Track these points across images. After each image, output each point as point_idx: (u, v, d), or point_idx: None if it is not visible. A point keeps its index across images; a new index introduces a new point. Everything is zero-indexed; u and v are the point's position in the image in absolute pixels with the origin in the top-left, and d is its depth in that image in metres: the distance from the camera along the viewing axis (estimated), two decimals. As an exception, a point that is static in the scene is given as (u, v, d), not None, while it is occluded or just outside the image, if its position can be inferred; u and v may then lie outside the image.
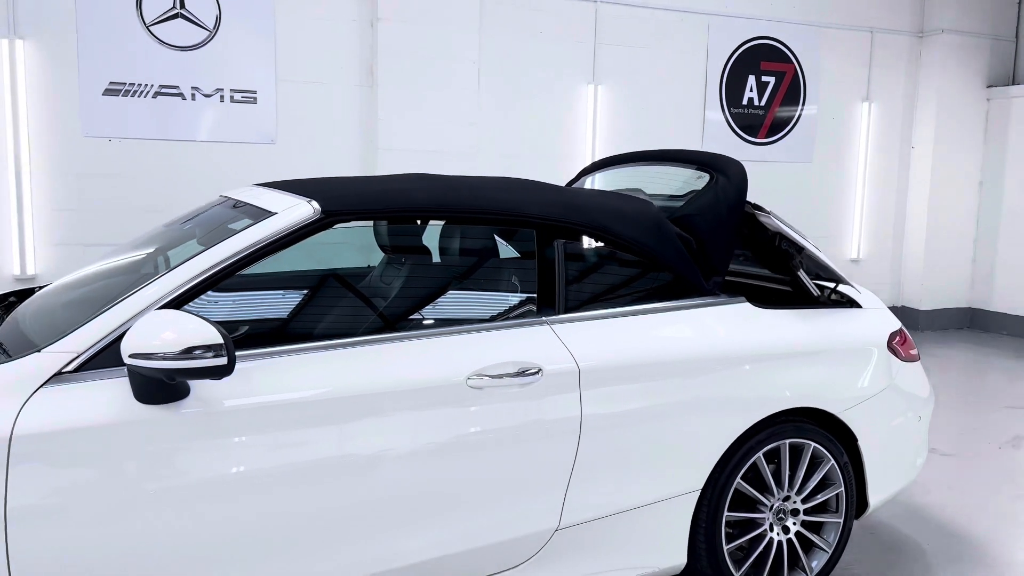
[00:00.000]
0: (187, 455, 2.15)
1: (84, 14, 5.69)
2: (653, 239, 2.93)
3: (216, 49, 6.07)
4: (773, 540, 3.01)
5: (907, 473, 3.39)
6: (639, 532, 2.77)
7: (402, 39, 6.38)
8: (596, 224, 2.87)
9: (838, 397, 3.07)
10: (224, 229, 2.56)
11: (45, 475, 2.02)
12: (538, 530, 2.61)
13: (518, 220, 2.81)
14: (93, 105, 5.79)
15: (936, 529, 3.81)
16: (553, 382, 2.57)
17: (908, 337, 3.45)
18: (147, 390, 2.08)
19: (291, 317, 2.98)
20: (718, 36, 7.70)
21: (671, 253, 2.95)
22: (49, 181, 5.76)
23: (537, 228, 2.79)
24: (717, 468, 2.85)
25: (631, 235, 2.90)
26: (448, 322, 2.77)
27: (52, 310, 2.57)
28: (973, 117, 8.58)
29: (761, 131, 7.97)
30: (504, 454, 2.52)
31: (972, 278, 8.81)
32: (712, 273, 3.04)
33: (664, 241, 2.94)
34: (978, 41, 8.47)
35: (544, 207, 2.81)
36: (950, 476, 4.48)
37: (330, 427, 2.31)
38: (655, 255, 2.93)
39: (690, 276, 2.97)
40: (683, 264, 2.97)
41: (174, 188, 5.93)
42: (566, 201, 2.90)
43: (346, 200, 2.63)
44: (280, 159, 6.30)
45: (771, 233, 3.17)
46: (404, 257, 3.23)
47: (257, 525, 2.22)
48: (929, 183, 8.50)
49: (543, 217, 2.79)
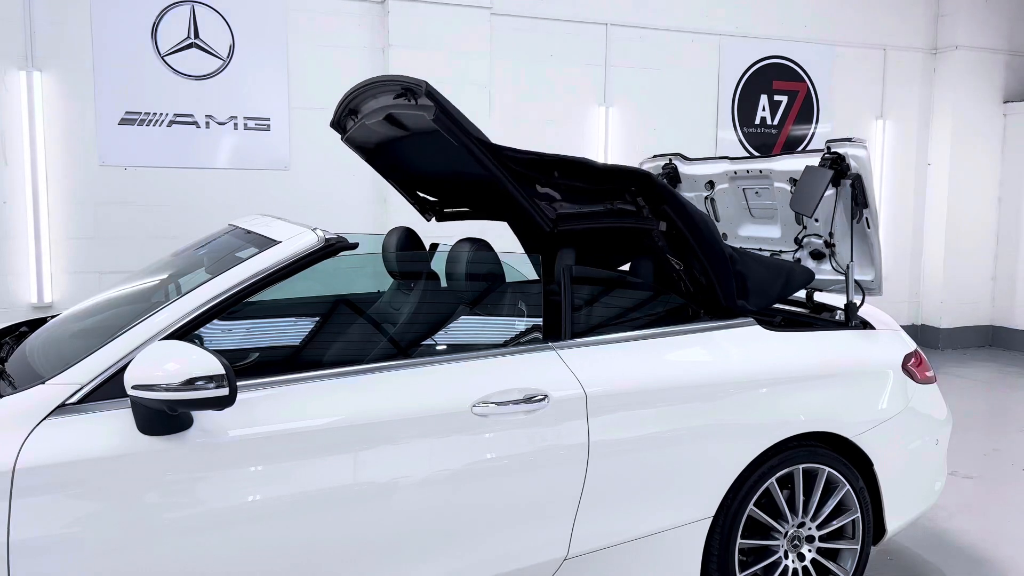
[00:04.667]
0: (191, 486, 2.14)
1: (100, 45, 5.79)
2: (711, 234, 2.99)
3: (230, 77, 6.14)
4: (788, 568, 2.96)
5: (926, 497, 3.32)
6: (650, 561, 2.72)
7: (413, 65, 6.41)
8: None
9: (852, 421, 3.02)
10: (231, 258, 2.56)
11: (48, 507, 2.02)
12: (546, 559, 2.57)
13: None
14: (109, 134, 5.87)
15: (958, 554, 3.72)
16: (559, 409, 2.54)
17: (924, 359, 3.39)
18: (150, 421, 2.08)
19: (295, 345, 2.98)
20: (730, 56, 7.70)
21: (718, 256, 2.98)
22: (66, 210, 5.83)
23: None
24: (729, 495, 2.80)
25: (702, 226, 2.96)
26: (453, 348, 2.75)
27: (59, 341, 2.59)
28: (990, 133, 8.51)
29: (774, 151, 7.94)
30: (510, 482, 2.49)
31: (992, 295, 8.69)
32: (742, 295, 3.03)
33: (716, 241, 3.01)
34: (993, 57, 8.41)
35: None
36: (972, 499, 4.38)
37: (334, 457, 2.29)
38: (703, 252, 2.96)
39: (723, 288, 2.96)
40: (723, 275, 2.98)
41: (189, 215, 5.99)
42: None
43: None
44: (293, 185, 6.35)
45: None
46: (410, 283, 3.23)
47: (261, 556, 2.21)
48: (946, 200, 8.41)
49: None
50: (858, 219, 3.28)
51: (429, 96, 2.62)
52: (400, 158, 3.49)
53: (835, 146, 3.21)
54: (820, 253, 3.56)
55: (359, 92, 3.10)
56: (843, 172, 3.18)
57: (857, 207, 3.23)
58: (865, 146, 3.18)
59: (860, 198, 3.20)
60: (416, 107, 2.73)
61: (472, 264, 2.91)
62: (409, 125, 3.05)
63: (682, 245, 3.02)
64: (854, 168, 3.18)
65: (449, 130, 2.64)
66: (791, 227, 3.66)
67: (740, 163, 3.79)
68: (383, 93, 2.94)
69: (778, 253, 3.80)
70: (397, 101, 2.84)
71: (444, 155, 3.02)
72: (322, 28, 6.37)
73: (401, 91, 2.77)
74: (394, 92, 2.83)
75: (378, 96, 3.00)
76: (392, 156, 3.52)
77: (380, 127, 3.18)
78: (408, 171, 3.62)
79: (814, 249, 3.58)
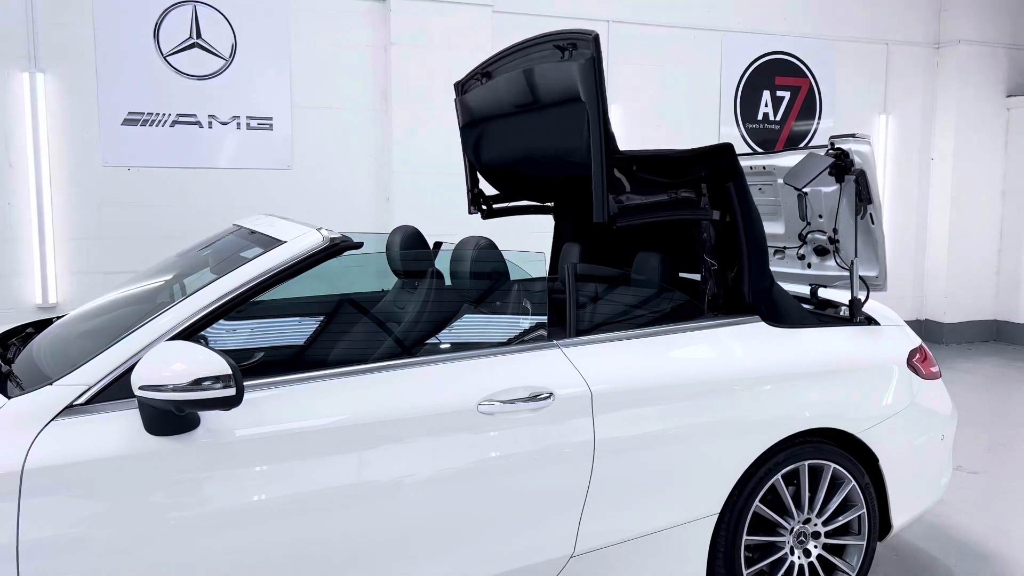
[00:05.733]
0: (198, 486, 2.15)
1: (103, 46, 5.80)
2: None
3: (232, 77, 6.15)
4: (794, 564, 2.96)
5: (931, 493, 3.32)
6: (656, 558, 2.72)
7: (415, 63, 6.43)
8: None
9: (857, 417, 3.02)
10: (236, 258, 2.57)
11: (56, 508, 2.02)
12: (553, 557, 2.58)
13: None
14: (112, 135, 5.87)
15: (964, 549, 3.72)
16: (565, 406, 2.55)
17: (928, 354, 3.39)
18: (157, 421, 2.09)
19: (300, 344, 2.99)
20: (732, 52, 7.69)
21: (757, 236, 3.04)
22: (70, 211, 5.84)
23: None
24: (735, 491, 2.81)
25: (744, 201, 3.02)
26: (458, 347, 2.76)
27: (65, 342, 2.59)
28: (993, 127, 8.49)
29: (777, 146, 7.92)
30: (516, 481, 2.50)
31: (997, 290, 8.68)
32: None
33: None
34: (996, 51, 8.39)
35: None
36: (977, 494, 4.38)
37: (341, 456, 2.29)
38: (748, 242, 3.03)
39: (754, 283, 3.02)
40: (759, 269, 3.03)
41: (193, 215, 6.00)
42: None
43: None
44: (296, 184, 6.36)
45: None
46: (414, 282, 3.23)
47: (269, 555, 2.21)
48: (950, 194, 8.40)
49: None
50: (862, 215, 3.27)
51: (596, 43, 2.75)
52: (487, 138, 3.69)
53: (839, 142, 3.21)
54: (824, 249, 3.56)
55: (509, 52, 3.31)
56: (847, 168, 3.17)
57: (861, 203, 3.23)
58: (869, 142, 3.18)
59: (864, 194, 3.20)
60: (570, 59, 2.86)
61: (476, 262, 2.91)
62: (541, 88, 3.11)
63: (729, 235, 3.05)
64: (858, 164, 3.17)
65: (594, 82, 2.74)
66: (795, 223, 3.65)
67: (743, 159, 3.78)
68: (539, 49, 3.10)
69: (782, 249, 3.80)
70: (547, 54, 3.02)
71: (535, 135, 3.19)
72: (324, 27, 6.37)
73: (561, 45, 2.92)
74: (553, 45, 2.97)
75: (531, 53, 3.16)
76: (481, 134, 3.72)
77: (501, 91, 3.35)
78: (487, 152, 3.77)
79: (818, 245, 3.58)
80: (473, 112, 3.74)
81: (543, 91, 3.10)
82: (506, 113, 3.44)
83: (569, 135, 2.98)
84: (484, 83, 3.57)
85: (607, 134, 2.79)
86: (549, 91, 3.06)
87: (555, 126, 3.08)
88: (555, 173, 3.46)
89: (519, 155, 3.52)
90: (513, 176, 3.82)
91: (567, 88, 2.92)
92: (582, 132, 2.86)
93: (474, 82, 3.69)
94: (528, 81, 3.17)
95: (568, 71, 2.87)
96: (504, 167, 3.77)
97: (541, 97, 3.13)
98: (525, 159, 3.50)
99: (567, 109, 2.94)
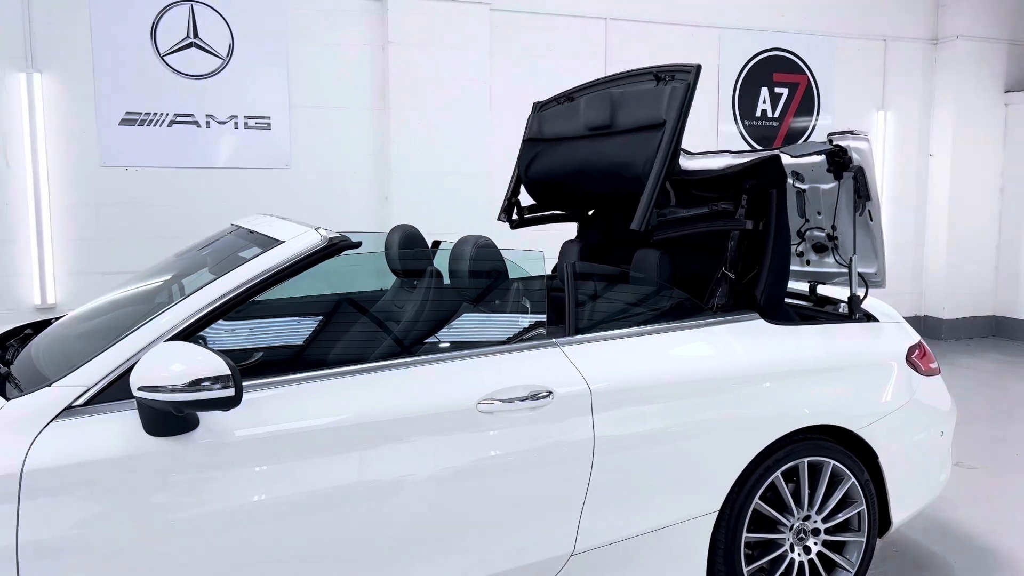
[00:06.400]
0: (198, 487, 2.15)
1: (100, 46, 5.79)
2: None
3: (230, 77, 6.14)
4: (794, 561, 2.96)
5: (931, 489, 3.32)
6: (656, 555, 2.73)
7: (413, 61, 6.42)
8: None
9: (857, 414, 3.02)
10: (235, 258, 2.57)
11: (56, 509, 2.02)
12: (553, 555, 2.58)
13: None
14: (110, 135, 5.87)
15: (964, 545, 3.73)
16: (564, 405, 2.54)
17: (927, 350, 3.39)
18: (157, 422, 2.08)
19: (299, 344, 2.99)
20: (729, 49, 7.69)
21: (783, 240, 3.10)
22: (68, 211, 5.83)
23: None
24: (735, 488, 2.81)
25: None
26: (458, 346, 2.76)
27: (64, 343, 2.59)
28: (991, 123, 8.49)
29: (775, 143, 7.92)
30: (516, 479, 2.50)
31: (996, 285, 8.68)
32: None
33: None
34: (994, 46, 8.39)
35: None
36: (977, 490, 4.39)
37: (340, 456, 2.29)
38: (774, 252, 3.08)
39: (773, 290, 3.06)
40: (780, 279, 3.08)
41: (191, 215, 5.99)
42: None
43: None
44: (295, 184, 6.35)
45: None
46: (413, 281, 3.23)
47: (269, 555, 2.21)
48: (948, 190, 8.40)
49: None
50: (860, 212, 3.27)
51: (696, 72, 3.01)
52: (546, 153, 3.80)
53: (837, 139, 3.21)
54: (823, 246, 3.56)
55: (604, 80, 3.48)
56: (845, 165, 3.17)
57: (859, 200, 3.23)
58: (867, 138, 3.18)
59: (862, 191, 3.20)
60: (664, 85, 3.05)
61: (475, 261, 2.90)
62: (623, 111, 3.27)
63: (755, 243, 3.10)
64: (856, 161, 3.17)
65: (681, 105, 2.99)
66: (794, 220, 3.65)
67: (742, 156, 3.78)
68: (636, 79, 3.31)
69: None
70: (643, 82, 3.22)
71: (595, 152, 3.36)
72: (322, 26, 6.37)
73: (660, 75, 3.14)
74: (654, 75, 3.19)
75: (625, 83, 3.36)
76: (542, 149, 3.83)
77: (580, 113, 3.53)
78: (540, 165, 3.85)
79: (817, 242, 3.58)
80: (543, 130, 3.86)
81: (624, 114, 3.24)
82: (578, 136, 3.56)
83: (632, 152, 3.09)
84: (564, 104, 3.73)
85: (674, 154, 2.93)
86: (630, 114, 3.19)
87: (621, 146, 3.19)
88: (604, 187, 3.48)
89: (572, 168, 3.60)
90: (557, 189, 3.86)
91: (650, 113, 3.06)
92: (646, 150, 2.99)
93: (554, 103, 3.83)
94: (611, 103, 3.31)
95: (658, 94, 3.04)
96: (552, 179, 3.81)
97: (619, 121, 3.27)
98: (577, 172, 3.57)
99: (641, 134, 3.07)
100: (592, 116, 3.44)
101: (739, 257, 3.11)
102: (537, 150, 3.87)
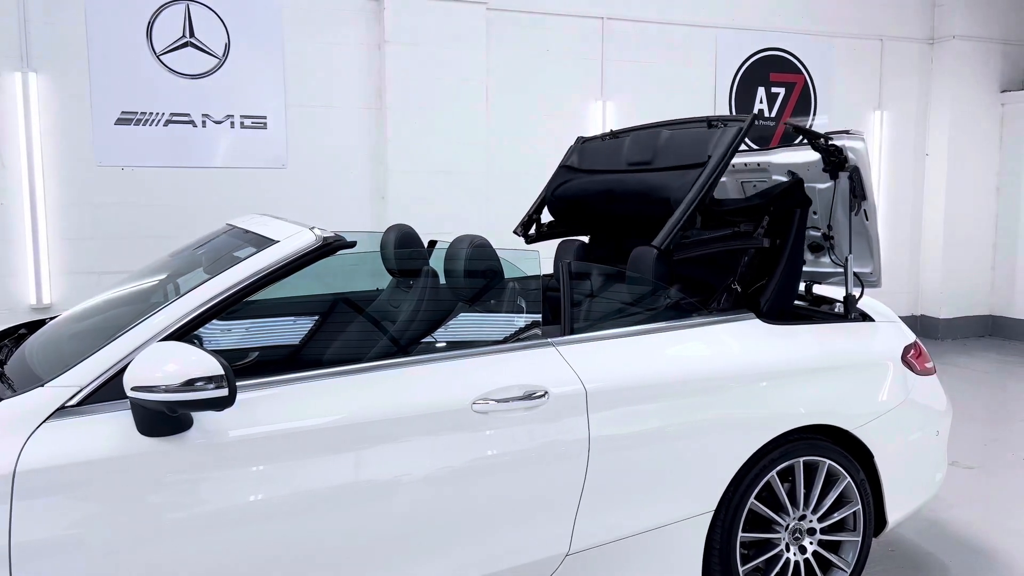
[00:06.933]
0: (192, 487, 2.14)
1: (95, 46, 5.77)
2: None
3: (226, 76, 6.13)
4: (790, 560, 2.96)
5: (926, 489, 3.32)
6: (652, 555, 2.72)
7: (410, 61, 6.42)
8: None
9: (852, 413, 3.02)
10: (230, 258, 2.56)
11: (49, 510, 2.02)
12: (549, 555, 2.57)
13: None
14: (106, 135, 5.86)
15: (959, 545, 3.73)
16: (560, 405, 2.54)
17: (923, 350, 3.39)
18: (150, 422, 2.08)
19: (294, 344, 2.98)
20: (726, 49, 7.69)
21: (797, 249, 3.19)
22: (64, 211, 5.82)
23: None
24: (730, 488, 2.81)
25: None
26: (453, 345, 2.75)
27: (58, 343, 2.59)
28: (988, 122, 8.50)
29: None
30: (512, 479, 2.49)
31: (992, 285, 8.69)
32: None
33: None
34: (990, 46, 8.40)
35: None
36: (973, 490, 4.39)
37: (335, 456, 2.29)
38: (786, 267, 3.17)
39: (780, 301, 3.12)
40: (788, 291, 3.16)
41: (187, 215, 5.98)
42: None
43: None
44: (291, 184, 6.34)
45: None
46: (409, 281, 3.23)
47: (263, 556, 2.21)
48: (945, 190, 8.41)
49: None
50: (856, 211, 3.27)
51: (752, 120, 3.12)
52: (579, 181, 3.90)
53: (833, 138, 3.21)
54: (819, 246, 3.56)
55: (658, 124, 3.64)
56: (841, 164, 3.18)
57: (855, 199, 3.23)
58: (863, 138, 3.18)
59: (858, 190, 3.20)
60: (717, 128, 3.19)
61: (471, 261, 2.90)
62: (667, 149, 3.38)
63: (769, 259, 3.18)
64: (852, 160, 3.17)
65: (729, 145, 3.07)
66: None
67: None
68: (689, 124, 3.42)
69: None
70: (695, 125, 3.36)
71: (627, 180, 3.48)
72: (318, 25, 6.36)
73: (714, 122, 3.26)
74: (708, 123, 3.29)
75: (674, 129, 3.47)
76: (575, 177, 3.93)
77: (623, 149, 3.65)
78: (569, 189, 3.93)
79: (812, 242, 3.58)
80: (582, 161, 3.94)
81: (667, 153, 3.32)
82: (616, 170, 3.64)
83: (667, 180, 3.19)
84: (606, 140, 3.84)
85: (710, 187, 3.00)
86: (674, 154, 3.28)
87: (657, 177, 3.28)
88: (631, 208, 3.53)
89: (601, 188, 3.68)
90: (582, 208, 3.92)
91: (695, 152, 3.14)
92: (682, 179, 3.08)
93: (598, 139, 3.95)
94: (657, 142, 3.40)
95: (707, 136, 3.13)
96: (578, 198, 3.88)
97: (660, 159, 3.35)
98: (606, 191, 3.65)
99: (681, 171, 3.15)
100: (634, 153, 3.53)
101: (750, 272, 3.15)
102: (570, 177, 3.95)
